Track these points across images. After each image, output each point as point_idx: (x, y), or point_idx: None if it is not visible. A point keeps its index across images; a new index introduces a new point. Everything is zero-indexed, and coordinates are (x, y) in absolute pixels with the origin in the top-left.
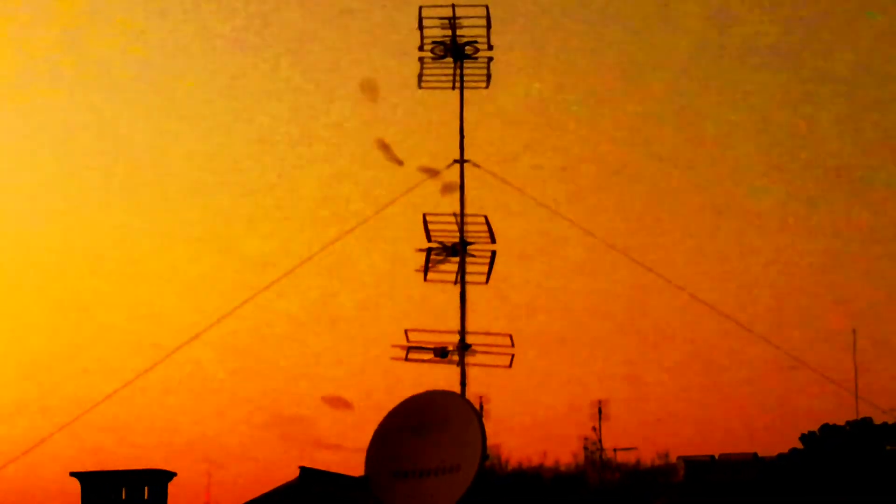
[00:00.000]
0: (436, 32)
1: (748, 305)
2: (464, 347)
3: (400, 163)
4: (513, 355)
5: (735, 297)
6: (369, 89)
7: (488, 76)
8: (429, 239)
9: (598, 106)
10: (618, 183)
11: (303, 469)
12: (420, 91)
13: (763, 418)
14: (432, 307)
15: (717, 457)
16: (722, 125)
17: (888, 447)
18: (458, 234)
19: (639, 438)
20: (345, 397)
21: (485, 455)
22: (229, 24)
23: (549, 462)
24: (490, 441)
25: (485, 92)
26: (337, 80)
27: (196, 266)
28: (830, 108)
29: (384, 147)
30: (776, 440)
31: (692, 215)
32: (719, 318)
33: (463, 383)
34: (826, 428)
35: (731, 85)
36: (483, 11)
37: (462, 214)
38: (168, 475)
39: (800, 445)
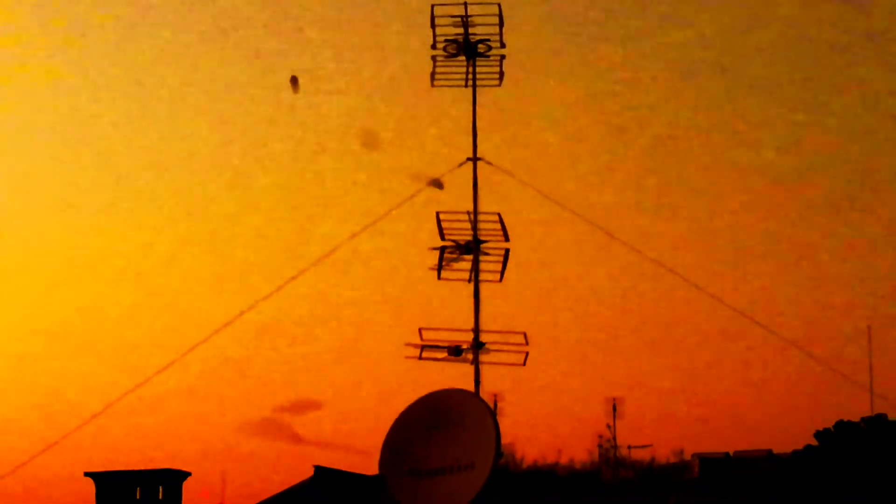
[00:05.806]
0: (448, 31)
1: (764, 303)
2: (478, 346)
3: (296, 89)
4: (527, 353)
5: (750, 295)
6: (293, 84)
7: (501, 74)
8: (442, 237)
9: (611, 103)
10: (633, 180)
11: (317, 468)
12: (433, 89)
13: (778, 415)
14: (446, 305)
15: (731, 454)
16: (742, 121)
17: None
18: (471, 233)
19: (653, 436)
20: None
21: (499, 453)
22: (236, 23)
23: (563, 460)
24: (504, 439)
25: (498, 90)
26: (349, 77)
27: (208, 266)
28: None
29: (294, 82)
30: (791, 437)
31: (710, 214)
32: (735, 316)
33: (477, 381)
34: (841, 424)
35: (752, 78)
36: (495, 10)
37: (475, 212)
38: (182, 475)
39: (815, 442)
